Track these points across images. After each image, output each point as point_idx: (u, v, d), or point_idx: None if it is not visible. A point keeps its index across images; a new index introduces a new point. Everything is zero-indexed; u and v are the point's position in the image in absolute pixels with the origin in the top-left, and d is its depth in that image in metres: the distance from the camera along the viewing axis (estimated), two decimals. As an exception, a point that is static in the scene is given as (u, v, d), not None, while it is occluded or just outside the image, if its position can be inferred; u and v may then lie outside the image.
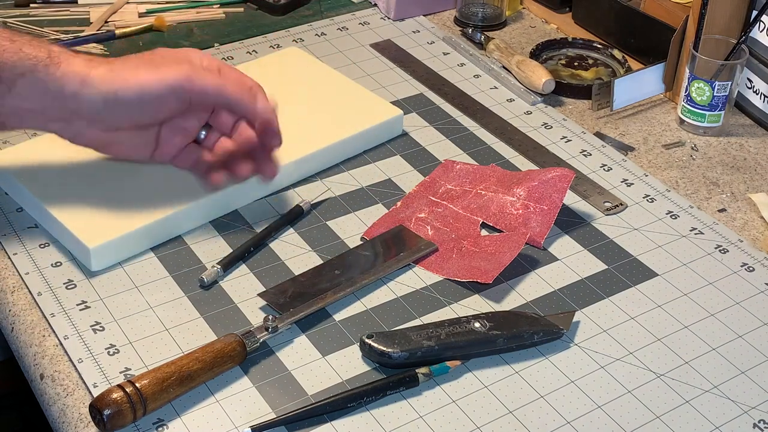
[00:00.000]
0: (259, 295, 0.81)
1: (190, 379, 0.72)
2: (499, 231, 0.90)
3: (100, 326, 0.79)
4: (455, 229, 0.90)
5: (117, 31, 1.20)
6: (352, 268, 0.85)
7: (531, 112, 1.09)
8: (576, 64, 1.19)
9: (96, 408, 0.69)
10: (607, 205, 0.95)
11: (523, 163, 1.00)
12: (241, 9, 1.28)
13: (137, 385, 0.70)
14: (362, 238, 0.89)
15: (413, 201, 0.93)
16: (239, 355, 0.75)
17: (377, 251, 0.87)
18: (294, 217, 0.91)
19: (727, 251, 0.90)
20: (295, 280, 0.83)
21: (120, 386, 0.69)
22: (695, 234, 0.92)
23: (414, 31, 1.24)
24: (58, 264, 0.85)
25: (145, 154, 0.84)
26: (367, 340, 0.76)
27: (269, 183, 0.90)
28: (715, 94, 1.03)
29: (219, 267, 0.84)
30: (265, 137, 0.85)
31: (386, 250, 0.87)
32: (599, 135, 1.06)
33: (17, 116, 0.79)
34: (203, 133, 0.86)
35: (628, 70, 1.15)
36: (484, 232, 0.90)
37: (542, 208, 0.90)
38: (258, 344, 0.76)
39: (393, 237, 0.89)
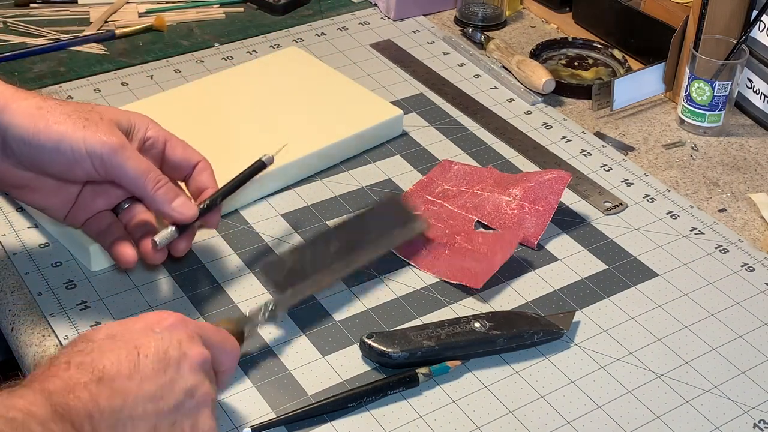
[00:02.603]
0: (260, 267, 0.81)
1: None
2: (494, 230, 0.90)
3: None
4: (449, 225, 0.90)
5: (117, 31, 1.20)
6: (346, 242, 0.82)
7: (531, 112, 1.09)
8: (576, 64, 1.19)
9: None
10: (607, 205, 0.95)
11: (523, 163, 1.00)
12: (241, 9, 1.28)
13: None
14: None
15: (409, 200, 0.93)
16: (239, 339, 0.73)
17: (367, 225, 0.85)
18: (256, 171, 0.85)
19: (727, 251, 0.90)
20: (293, 252, 0.81)
21: None
22: (695, 234, 0.92)
23: (414, 31, 1.24)
24: (58, 264, 0.85)
25: (60, 212, 0.79)
26: (367, 340, 0.76)
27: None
28: (715, 94, 1.03)
29: (175, 229, 0.79)
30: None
31: (378, 223, 0.85)
32: (599, 135, 1.06)
33: None
34: (126, 204, 0.80)
35: (628, 70, 1.15)
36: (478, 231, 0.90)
37: (537, 209, 0.90)
38: (256, 330, 0.75)
39: (385, 208, 0.87)
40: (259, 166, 0.85)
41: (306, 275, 0.80)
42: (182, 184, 0.82)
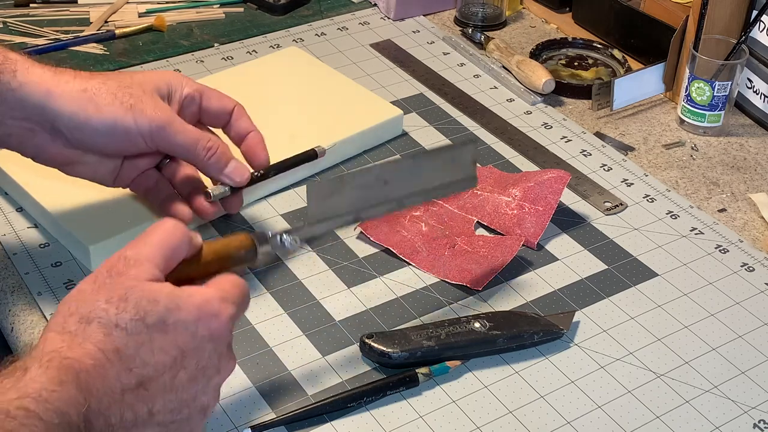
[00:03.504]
0: (307, 186, 0.73)
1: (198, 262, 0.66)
2: (494, 230, 0.90)
3: (100, 326, 0.79)
4: (449, 227, 0.90)
5: (117, 31, 1.20)
6: (401, 181, 0.77)
7: (531, 112, 1.09)
8: (576, 64, 1.19)
9: None
10: (607, 205, 0.95)
11: (523, 163, 1.00)
12: (241, 9, 1.28)
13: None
14: (359, 234, 0.89)
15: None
16: (251, 254, 0.68)
17: (427, 165, 0.79)
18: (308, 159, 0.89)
19: (727, 251, 0.90)
20: (341, 180, 0.74)
21: None
22: (695, 234, 0.92)
23: (414, 31, 1.24)
24: (58, 264, 0.85)
25: (109, 179, 0.80)
26: (367, 340, 0.76)
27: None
28: (715, 94, 1.03)
29: (227, 188, 0.80)
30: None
31: (435, 170, 0.80)
32: (599, 135, 1.06)
33: None
34: (167, 159, 0.82)
35: (628, 70, 1.15)
36: (479, 232, 0.90)
37: (537, 209, 0.90)
38: (271, 253, 0.70)
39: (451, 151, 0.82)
40: (311, 155, 0.87)
41: (346, 208, 0.74)
42: (219, 132, 0.83)
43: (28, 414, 0.51)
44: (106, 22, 1.22)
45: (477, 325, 0.77)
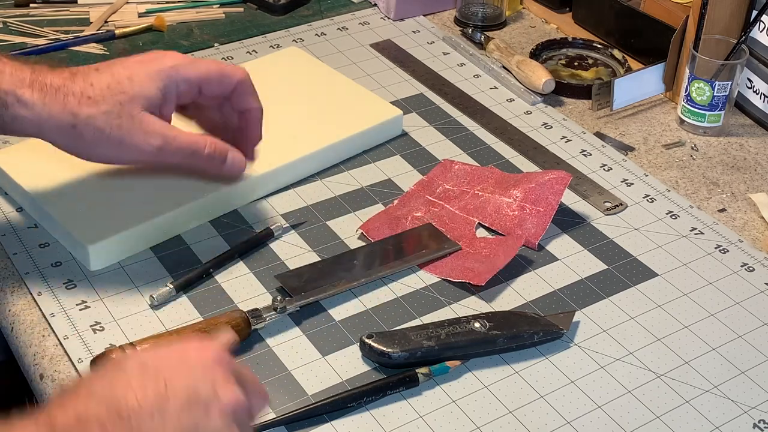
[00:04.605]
0: (276, 276, 0.82)
1: None
2: (495, 232, 0.90)
3: (100, 326, 0.79)
4: (451, 229, 0.90)
5: (117, 31, 1.20)
6: (371, 259, 0.85)
7: (531, 112, 1.09)
8: (576, 64, 1.19)
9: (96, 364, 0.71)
10: (607, 205, 0.95)
11: (523, 163, 1.00)
12: (241, 9, 1.28)
13: (138, 348, 0.71)
14: (360, 235, 0.89)
15: (410, 200, 0.93)
16: (242, 332, 0.76)
17: (400, 246, 0.87)
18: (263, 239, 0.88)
19: (727, 251, 0.90)
20: (314, 266, 0.84)
21: (122, 347, 0.71)
22: (695, 234, 0.92)
23: (414, 31, 1.24)
24: (58, 264, 0.85)
25: None
26: (367, 340, 0.76)
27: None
28: (715, 94, 1.03)
29: (173, 287, 0.81)
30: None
31: (410, 246, 0.87)
32: (599, 135, 1.06)
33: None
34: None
35: (628, 70, 1.15)
36: (480, 233, 0.90)
37: (538, 210, 0.90)
38: (264, 324, 0.78)
39: (419, 234, 0.89)
40: (268, 234, 0.88)
41: (323, 284, 0.82)
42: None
43: None
44: (106, 22, 1.22)
45: (477, 325, 0.77)
